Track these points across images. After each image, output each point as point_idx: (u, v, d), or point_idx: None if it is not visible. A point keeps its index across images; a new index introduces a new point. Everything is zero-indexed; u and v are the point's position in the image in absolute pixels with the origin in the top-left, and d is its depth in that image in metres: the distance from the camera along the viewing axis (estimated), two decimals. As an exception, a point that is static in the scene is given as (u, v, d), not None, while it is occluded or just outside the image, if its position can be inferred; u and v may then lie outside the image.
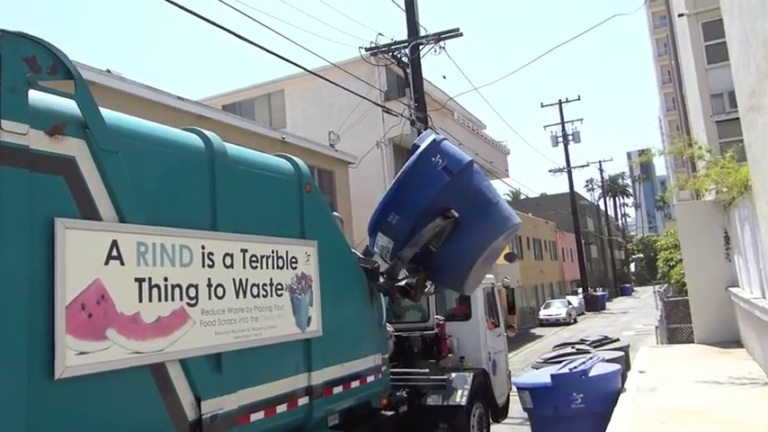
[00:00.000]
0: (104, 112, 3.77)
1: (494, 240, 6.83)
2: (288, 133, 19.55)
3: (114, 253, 3.65)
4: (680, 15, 17.80)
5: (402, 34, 18.14)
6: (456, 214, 6.44)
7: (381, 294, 7.19)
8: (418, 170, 6.54)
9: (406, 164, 6.68)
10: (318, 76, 14.61)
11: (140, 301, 3.80)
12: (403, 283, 7.24)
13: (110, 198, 3.69)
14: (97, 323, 3.50)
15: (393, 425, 7.25)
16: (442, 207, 6.45)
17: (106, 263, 3.60)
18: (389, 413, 7.20)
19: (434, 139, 6.84)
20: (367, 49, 18.51)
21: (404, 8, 18.04)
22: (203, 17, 8.41)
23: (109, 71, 11.58)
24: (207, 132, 4.70)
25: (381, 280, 6.92)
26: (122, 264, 3.70)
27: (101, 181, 3.64)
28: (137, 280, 3.80)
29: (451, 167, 6.52)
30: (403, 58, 18.36)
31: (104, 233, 3.62)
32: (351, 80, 16.23)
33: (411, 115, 17.59)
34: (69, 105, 3.57)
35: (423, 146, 6.70)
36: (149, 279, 3.88)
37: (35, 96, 3.36)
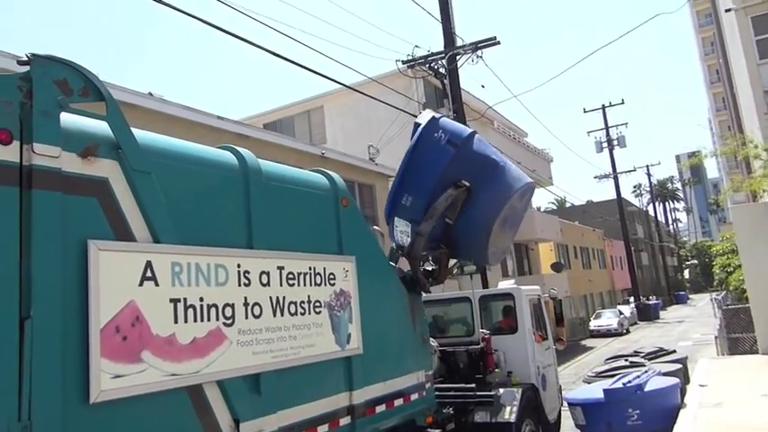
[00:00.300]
0: (137, 132, 3.77)
1: (506, 202, 6.73)
2: (327, 148, 19.62)
3: (149, 274, 3.62)
4: (727, 11, 17.20)
5: (438, 45, 18.03)
6: (467, 183, 6.47)
7: (424, 311, 7.03)
8: (423, 148, 6.60)
9: (410, 144, 6.64)
10: (357, 90, 14.65)
11: (176, 322, 3.76)
12: (429, 268, 7.22)
13: (143, 218, 3.67)
14: (132, 345, 3.46)
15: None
16: (451, 180, 6.49)
17: (140, 284, 3.57)
18: (437, 431, 6.99)
19: (433, 116, 6.87)
20: (404, 62, 18.45)
21: (440, 19, 17.98)
22: (245, 39, 8.53)
23: (150, 94, 11.80)
24: (241, 149, 4.66)
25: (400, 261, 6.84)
26: (157, 284, 3.66)
27: (134, 201, 3.62)
28: (172, 301, 3.75)
29: (455, 140, 6.60)
30: (440, 69, 18.25)
31: (138, 254, 3.59)
32: (389, 93, 16.20)
33: (450, 126, 17.42)
34: (101, 127, 3.57)
35: (422, 124, 6.74)
36: (184, 299, 3.83)
37: (67, 119, 3.36)
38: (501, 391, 8.54)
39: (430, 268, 7.21)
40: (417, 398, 6.45)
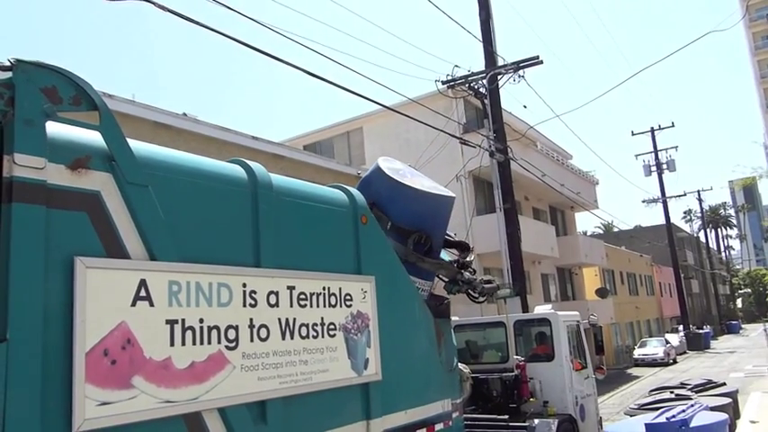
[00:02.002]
0: (134, 143, 3.59)
1: (386, 174, 6.46)
2: (364, 169, 19.50)
3: (142, 293, 3.41)
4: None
5: (479, 64, 17.79)
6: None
7: (452, 335, 6.71)
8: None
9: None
10: (396, 111, 14.51)
11: (172, 344, 3.53)
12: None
13: (139, 235, 3.47)
14: (122, 370, 3.24)
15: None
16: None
17: (133, 304, 3.36)
18: (466, 464, 6.63)
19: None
20: (444, 82, 18.27)
21: (481, 39, 17.77)
22: (286, 61, 8.46)
23: (185, 114, 11.88)
24: (250, 163, 4.46)
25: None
26: (152, 305, 3.45)
27: (129, 217, 3.43)
28: (168, 322, 3.53)
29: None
30: (480, 89, 17.99)
31: (131, 272, 3.38)
32: (428, 114, 16.00)
33: (490, 146, 17.12)
34: (94, 138, 3.40)
35: None
36: (182, 321, 3.61)
37: (56, 129, 3.20)
38: (536, 421, 8.17)
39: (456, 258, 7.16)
40: (443, 428, 6.09)
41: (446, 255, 7.45)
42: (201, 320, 3.73)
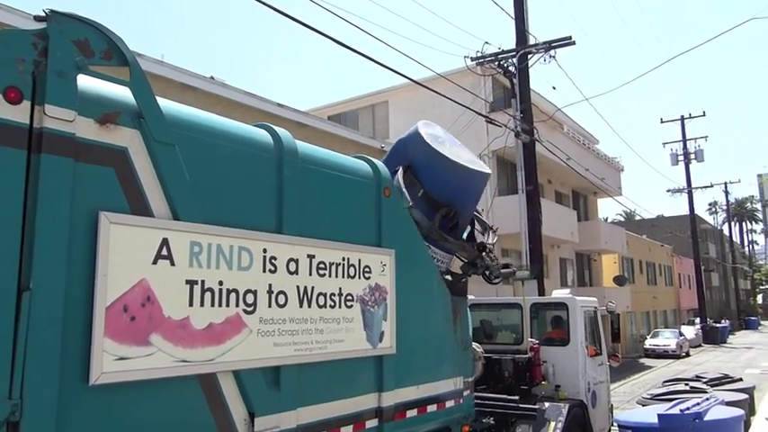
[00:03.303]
0: (163, 102, 3.57)
1: (421, 139, 6.42)
2: (388, 143, 19.41)
3: (164, 252, 3.41)
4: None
5: (509, 42, 17.49)
6: (398, 168, 6.27)
7: (468, 314, 6.69)
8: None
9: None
10: (423, 86, 14.36)
11: (191, 305, 3.54)
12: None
13: (163, 193, 3.46)
14: (140, 327, 3.26)
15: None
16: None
17: (154, 262, 3.36)
18: (474, 441, 6.66)
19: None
20: (473, 59, 18.02)
21: (513, 16, 17.44)
22: (317, 29, 8.39)
23: (212, 77, 11.87)
24: (277, 129, 4.42)
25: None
26: (173, 264, 3.46)
27: (154, 175, 3.42)
28: (188, 282, 3.54)
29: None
30: (510, 68, 17.70)
31: (154, 230, 3.38)
32: (455, 90, 15.83)
33: (516, 126, 16.90)
34: (124, 93, 3.38)
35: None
36: (202, 282, 3.61)
37: (86, 82, 3.19)
38: (546, 405, 8.16)
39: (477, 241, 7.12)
40: (453, 405, 6.11)
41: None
42: (221, 283, 3.73)
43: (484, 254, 7.06)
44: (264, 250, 4.05)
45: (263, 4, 7.75)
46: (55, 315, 2.90)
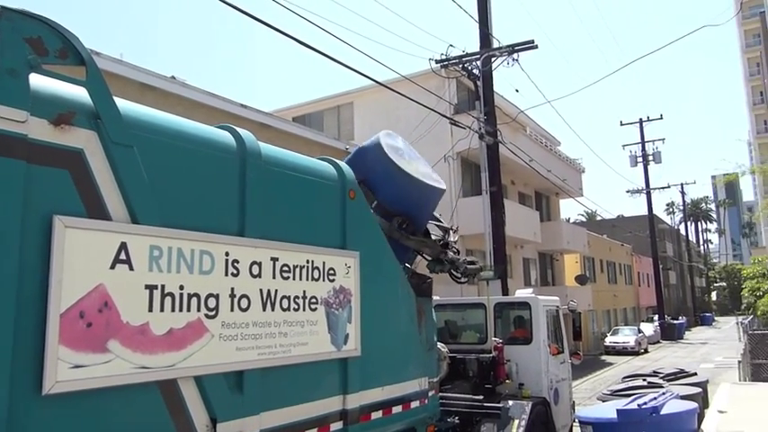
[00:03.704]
0: (121, 102, 3.48)
1: (384, 152, 6.44)
2: (353, 144, 19.37)
3: (122, 256, 3.33)
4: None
5: (474, 46, 17.63)
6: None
7: (433, 315, 6.72)
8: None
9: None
10: (388, 88, 14.38)
11: (150, 310, 3.47)
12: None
13: (121, 196, 3.38)
14: (97, 333, 3.17)
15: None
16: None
17: (112, 267, 3.28)
18: (439, 441, 6.68)
19: None
20: (437, 61, 18.10)
21: (477, 19, 17.59)
22: (280, 30, 8.30)
23: (173, 77, 11.66)
24: (239, 130, 4.36)
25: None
26: (131, 269, 3.38)
27: (112, 177, 3.33)
28: (147, 287, 3.46)
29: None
30: (474, 71, 17.85)
31: (112, 234, 3.30)
32: (420, 93, 15.89)
33: (480, 129, 17.05)
34: (80, 94, 3.28)
35: None
36: (162, 287, 3.54)
37: (40, 81, 3.08)
38: (510, 403, 8.23)
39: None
40: (419, 406, 6.12)
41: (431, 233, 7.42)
42: (182, 287, 3.66)
43: (447, 249, 7.11)
44: (227, 253, 3.99)
45: (226, 3, 7.65)
46: (5, 322, 2.80)
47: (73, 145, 3.18)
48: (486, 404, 8.19)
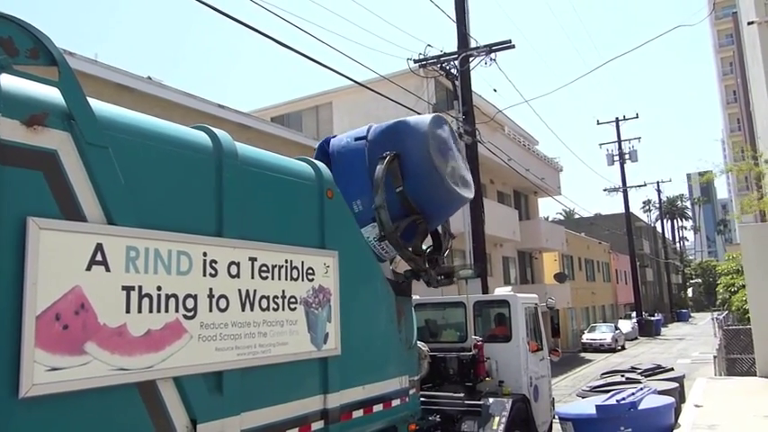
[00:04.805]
0: (95, 103, 3.46)
1: (426, 140, 6.58)
2: (332, 144, 19.35)
3: (98, 258, 3.31)
4: (750, 23, 16.87)
5: (452, 45, 17.73)
6: (388, 153, 6.44)
7: (413, 314, 6.74)
8: (341, 158, 6.86)
9: (331, 164, 6.76)
10: (367, 87, 14.41)
11: (128, 311, 3.45)
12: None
13: (96, 197, 3.36)
14: (74, 335, 3.15)
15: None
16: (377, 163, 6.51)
17: (88, 268, 3.26)
18: (420, 439, 6.71)
19: (325, 141, 7.30)
20: (416, 61, 18.15)
21: (455, 19, 17.67)
22: (258, 30, 8.29)
23: (149, 78, 11.56)
24: (216, 130, 4.35)
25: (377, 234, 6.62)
26: (108, 270, 3.36)
27: (87, 178, 3.31)
28: (124, 288, 3.44)
29: (359, 136, 6.93)
30: (452, 71, 17.93)
31: (87, 235, 3.28)
32: (399, 92, 15.92)
33: (459, 128, 17.13)
34: (53, 94, 3.25)
35: (331, 144, 7.13)
36: (139, 288, 3.52)
37: (11, 82, 3.05)
38: (490, 400, 8.27)
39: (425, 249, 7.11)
40: (399, 404, 6.15)
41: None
42: (159, 288, 3.65)
43: (430, 266, 7.07)
44: (204, 254, 3.98)
45: (203, 3, 7.61)
46: (-20, 325, 2.77)
47: (46, 146, 3.15)
48: (466, 402, 8.24)
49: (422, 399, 6.98)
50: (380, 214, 6.32)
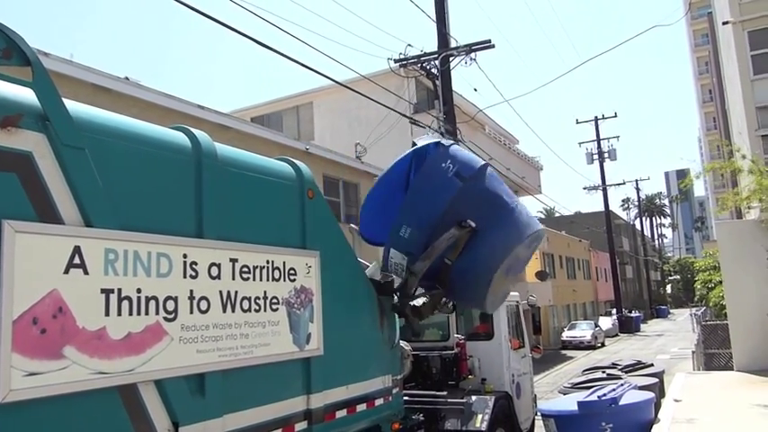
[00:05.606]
0: (71, 104, 3.41)
1: (513, 249, 6.30)
2: (313, 144, 19.30)
3: (76, 260, 3.27)
4: (724, 23, 17.14)
5: (432, 45, 17.79)
6: (472, 224, 6.01)
7: (393, 312, 6.75)
8: (428, 178, 6.18)
9: (413, 171, 6.31)
10: (347, 87, 14.39)
11: (107, 314, 3.41)
12: (419, 302, 6.81)
13: (73, 199, 3.31)
14: (52, 340, 3.11)
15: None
16: (456, 216, 6.05)
17: (66, 272, 3.21)
18: (404, 438, 6.73)
19: (440, 143, 6.49)
20: (396, 61, 18.18)
21: (435, 19, 17.71)
22: (237, 30, 8.23)
23: (127, 78, 11.43)
24: (195, 131, 4.31)
25: (395, 298, 6.48)
26: (86, 273, 3.31)
27: (63, 180, 3.26)
28: (103, 291, 3.40)
29: (464, 172, 6.17)
30: (433, 70, 17.98)
31: (64, 238, 3.23)
32: (379, 92, 15.94)
33: (440, 128, 17.18)
34: (27, 95, 3.21)
35: (429, 151, 6.35)
36: (119, 290, 3.48)
37: (-17, 83, 3.01)
38: (473, 398, 8.31)
39: (420, 302, 6.84)
40: (383, 403, 6.15)
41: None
42: (139, 290, 3.61)
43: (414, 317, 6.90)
44: (185, 255, 3.95)
45: (182, 3, 7.55)
46: (-45, 331, 2.72)
47: (20, 147, 3.10)
48: (449, 400, 8.27)
49: (405, 398, 6.99)
50: (409, 279, 6.14)
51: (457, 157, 6.32)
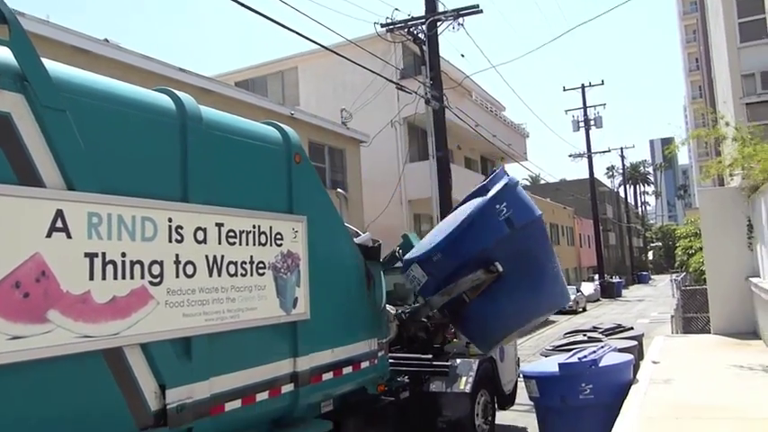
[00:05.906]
0: (51, 64, 3.33)
1: (539, 318, 6.38)
2: (298, 109, 19.09)
3: (59, 224, 3.23)
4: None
5: (419, 10, 17.52)
6: (500, 269, 6.06)
7: (382, 278, 6.80)
8: (480, 215, 6.20)
9: (473, 207, 6.28)
10: (333, 52, 14.16)
11: (91, 278, 3.39)
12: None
13: (55, 162, 3.26)
14: (36, 303, 3.09)
15: (393, 411, 6.89)
16: (490, 257, 6.10)
17: (48, 235, 3.18)
18: (390, 399, 6.81)
19: (507, 183, 6.46)
20: (383, 25, 17.89)
21: (422, -18, 17.41)
22: None
23: (107, 40, 11.16)
24: (179, 93, 4.24)
25: (403, 316, 6.72)
26: (69, 237, 3.28)
27: (44, 142, 3.20)
28: (87, 255, 3.37)
29: (515, 220, 6.19)
30: (420, 35, 17.74)
31: (46, 201, 3.19)
32: (366, 57, 15.70)
33: (426, 93, 17.04)
34: (3, 55, 3.11)
35: (493, 191, 6.33)
36: (103, 254, 3.46)
37: (-42, 42, 2.91)
38: (458, 361, 8.40)
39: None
40: (368, 366, 6.23)
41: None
42: (124, 255, 3.59)
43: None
44: (170, 219, 3.92)
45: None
46: (-63, 294, 2.69)
47: (-1, 109, 3.03)
48: (434, 363, 8.37)
49: (391, 360, 7.08)
50: (422, 309, 6.31)
51: (515, 201, 6.35)
